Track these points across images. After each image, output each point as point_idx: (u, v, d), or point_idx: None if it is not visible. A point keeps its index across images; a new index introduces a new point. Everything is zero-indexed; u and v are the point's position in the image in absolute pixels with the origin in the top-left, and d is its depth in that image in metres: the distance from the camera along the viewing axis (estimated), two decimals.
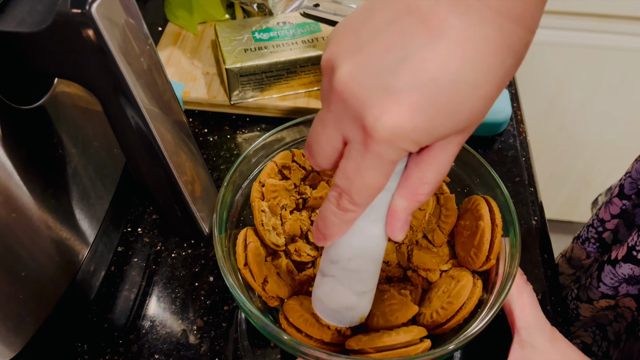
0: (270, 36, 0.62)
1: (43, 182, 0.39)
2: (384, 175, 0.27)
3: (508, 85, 0.69)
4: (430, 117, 0.25)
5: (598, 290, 0.53)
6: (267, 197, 0.45)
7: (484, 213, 0.41)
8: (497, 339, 0.45)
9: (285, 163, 0.46)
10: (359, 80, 0.25)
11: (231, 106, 0.63)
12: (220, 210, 0.42)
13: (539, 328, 0.39)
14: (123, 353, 0.45)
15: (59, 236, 0.42)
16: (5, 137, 0.35)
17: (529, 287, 0.41)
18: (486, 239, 0.41)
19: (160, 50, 0.68)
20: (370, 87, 0.25)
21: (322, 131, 0.28)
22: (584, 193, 1.41)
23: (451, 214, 0.45)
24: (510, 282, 0.39)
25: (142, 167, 0.43)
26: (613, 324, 0.56)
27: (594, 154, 1.30)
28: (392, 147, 0.26)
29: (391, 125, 0.25)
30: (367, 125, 0.25)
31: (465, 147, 0.46)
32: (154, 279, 0.50)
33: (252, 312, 0.37)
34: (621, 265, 0.50)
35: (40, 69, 0.37)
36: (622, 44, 1.09)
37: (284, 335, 0.36)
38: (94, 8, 0.31)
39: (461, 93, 0.25)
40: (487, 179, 0.45)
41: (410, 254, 0.45)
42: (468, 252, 0.43)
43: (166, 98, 0.41)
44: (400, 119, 0.25)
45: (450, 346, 0.36)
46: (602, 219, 0.57)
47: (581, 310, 0.57)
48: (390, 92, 0.25)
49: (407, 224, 0.32)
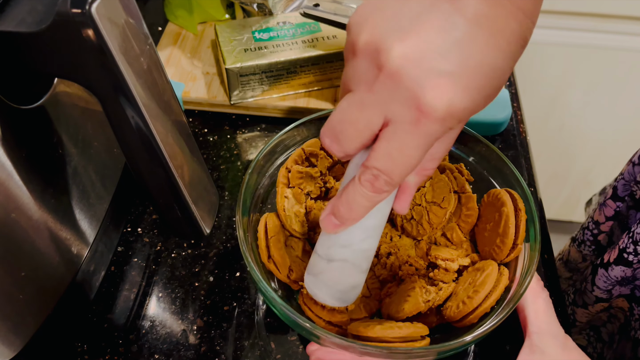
0: (270, 36, 0.62)
1: (43, 182, 0.39)
2: (424, 153, 0.29)
3: (508, 85, 0.69)
4: (474, 98, 0.27)
5: (592, 294, 0.53)
6: (293, 183, 0.45)
7: (506, 200, 0.42)
8: (507, 342, 0.45)
9: (313, 150, 0.47)
10: (414, 61, 0.26)
11: (231, 106, 0.63)
12: (244, 196, 0.43)
13: (552, 334, 0.39)
14: (123, 353, 0.45)
15: (59, 236, 0.42)
16: (5, 137, 0.35)
17: (546, 293, 0.41)
18: (511, 223, 0.41)
19: (160, 50, 0.68)
20: (426, 69, 0.26)
21: (362, 114, 0.28)
22: (584, 193, 1.41)
23: (472, 213, 0.45)
24: (529, 279, 0.38)
25: (142, 167, 0.43)
26: (607, 325, 0.56)
27: (594, 154, 1.30)
28: (443, 125, 0.27)
29: (447, 104, 0.26)
30: (424, 104, 0.26)
31: (489, 145, 0.46)
32: (154, 279, 0.50)
33: (275, 299, 0.37)
34: (613, 267, 0.50)
35: (40, 69, 0.37)
36: (622, 44, 1.09)
37: (306, 323, 0.36)
38: (94, 8, 0.31)
39: (496, 77, 0.27)
40: (509, 178, 0.45)
41: (428, 251, 0.45)
42: (493, 243, 0.42)
43: (166, 98, 0.41)
44: (455, 98, 0.26)
45: (467, 337, 0.36)
46: (597, 221, 0.57)
47: (577, 315, 0.57)
48: (444, 74, 0.26)
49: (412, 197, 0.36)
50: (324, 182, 0.48)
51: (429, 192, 0.46)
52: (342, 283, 0.37)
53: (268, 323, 0.48)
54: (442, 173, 0.47)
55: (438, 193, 0.45)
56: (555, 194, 1.42)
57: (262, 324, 0.48)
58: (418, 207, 0.46)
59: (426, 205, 0.46)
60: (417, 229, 0.46)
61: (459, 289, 0.42)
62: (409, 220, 0.46)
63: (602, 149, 1.29)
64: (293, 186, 0.46)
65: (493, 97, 0.29)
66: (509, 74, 0.28)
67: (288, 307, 0.37)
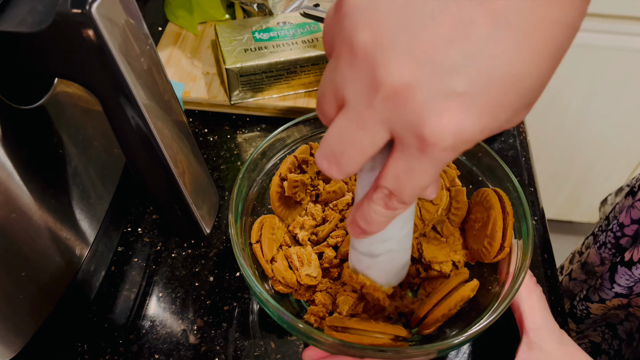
0: (270, 36, 0.62)
1: (43, 182, 0.39)
2: (435, 176, 0.25)
3: None
4: (497, 115, 0.23)
5: (611, 290, 0.53)
6: (289, 192, 0.45)
7: (494, 202, 0.42)
8: (504, 340, 0.45)
9: (304, 157, 0.47)
10: (421, 80, 0.22)
11: (231, 106, 0.63)
12: (235, 202, 0.43)
13: (548, 330, 0.39)
14: (123, 353, 0.45)
15: (59, 236, 0.42)
16: (5, 137, 0.35)
17: (539, 288, 0.41)
18: (499, 227, 0.41)
19: (160, 50, 0.68)
20: (434, 90, 0.22)
21: (363, 133, 0.24)
22: (584, 193, 1.41)
23: (461, 206, 0.45)
24: (522, 275, 0.39)
25: (142, 167, 0.43)
26: (624, 323, 0.56)
27: (594, 154, 1.30)
28: (454, 152, 0.24)
29: (457, 132, 0.23)
30: (428, 133, 0.23)
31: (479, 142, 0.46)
32: (154, 279, 0.50)
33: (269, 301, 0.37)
34: (638, 267, 0.49)
35: (40, 69, 0.37)
36: (622, 44, 1.09)
37: (300, 324, 0.36)
38: (94, 8, 0.31)
39: (527, 87, 0.23)
40: (498, 172, 0.45)
41: (419, 247, 0.45)
42: (481, 243, 0.43)
43: (166, 98, 0.41)
44: (468, 124, 0.22)
45: (462, 337, 0.36)
46: (622, 223, 0.56)
47: (592, 309, 0.57)
48: (455, 95, 0.22)
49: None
50: (314, 187, 0.48)
51: None
52: (394, 268, 0.39)
53: (268, 323, 0.48)
54: None
55: None
56: (555, 194, 1.42)
57: (262, 324, 0.48)
58: None
59: (418, 202, 0.46)
60: None
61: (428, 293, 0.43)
62: None
63: (602, 148, 1.29)
64: (290, 194, 0.46)
65: (528, 109, 0.24)
66: (550, 76, 0.23)
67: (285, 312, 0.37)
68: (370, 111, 0.24)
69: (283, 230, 0.46)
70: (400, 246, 0.37)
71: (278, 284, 0.42)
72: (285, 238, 0.45)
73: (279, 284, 0.42)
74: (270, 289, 0.43)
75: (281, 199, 0.45)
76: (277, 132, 0.47)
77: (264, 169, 0.47)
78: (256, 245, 0.43)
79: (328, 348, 0.36)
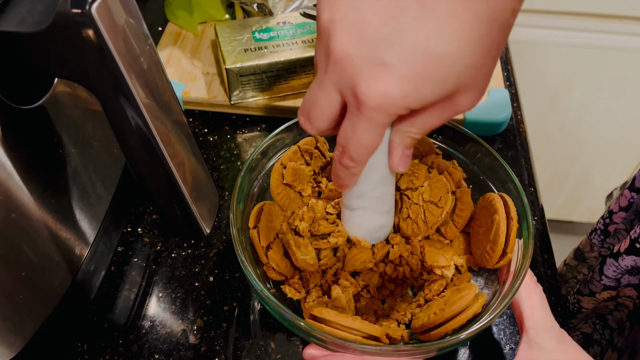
0: (270, 36, 0.62)
1: (43, 182, 0.39)
2: (377, 135, 0.30)
3: (508, 85, 0.69)
4: (420, 85, 0.27)
5: (600, 282, 0.53)
6: (287, 180, 0.46)
7: (499, 207, 0.41)
8: (504, 339, 0.45)
9: (308, 148, 0.47)
10: (357, 50, 0.27)
11: (231, 106, 0.63)
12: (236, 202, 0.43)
13: (548, 329, 0.39)
14: (123, 353, 0.45)
15: (59, 236, 0.42)
16: (5, 137, 0.35)
17: (539, 288, 0.41)
18: (502, 232, 0.41)
19: (160, 50, 0.68)
20: (367, 58, 0.27)
21: (322, 93, 0.30)
22: (584, 193, 1.41)
23: (466, 207, 0.45)
24: (523, 274, 0.38)
25: (142, 167, 0.43)
26: (614, 313, 0.56)
27: (594, 154, 1.30)
28: (383, 113, 0.29)
29: (382, 94, 0.27)
30: (360, 93, 0.28)
31: (479, 141, 0.47)
32: (154, 279, 0.50)
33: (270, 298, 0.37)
34: (624, 257, 0.50)
35: (40, 69, 0.37)
36: (622, 44, 1.09)
37: (301, 322, 0.36)
38: (94, 8, 0.31)
39: (448, 64, 0.27)
40: (498, 172, 0.45)
41: (422, 250, 0.45)
42: (484, 249, 0.42)
43: (166, 98, 0.41)
44: (391, 87, 0.27)
45: (461, 335, 0.36)
46: (611, 210, 0.57)
47: (583, 303, 0.58)
48: (384, 63, 0.27)
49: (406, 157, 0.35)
50: (317, 182, 0.48)
51: (427, 192, 0.46)
52: (368, 225, 0.42)
53: (268, 323, 0.48)
54: (441, 174, 0.47)
55: (435, 193, 0.45)
56: (555, 194, 1.43)
57: (262, 324, 0.48)
58: (415, 206, 0.46)
59: (423, 204, 0.46)
60: (413, 227, 0.46)
61: (435, 303, 0.42)
62: (405, 219, 0.46)
63: (602, 148, 1.29)
64: (288, 183, 0.46)
65: (455, 80, 0.28)
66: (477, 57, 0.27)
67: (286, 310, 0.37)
68: (326, 75, 0.29)
69: (282, 218, 0.46)
70: (374, 206, 0.40)
71: (272, 270, 0.43)
72: (282, 227, 0.45)
73: (273, 271, 0.43)
74: (271, 287, 0.43)
75: (281, 186, 0.46)
76: (277, 131, 0.47)
77: (264, 168, 0.47)
78: (253, 231, 0.43)
79: (329, 345, 0.37)
